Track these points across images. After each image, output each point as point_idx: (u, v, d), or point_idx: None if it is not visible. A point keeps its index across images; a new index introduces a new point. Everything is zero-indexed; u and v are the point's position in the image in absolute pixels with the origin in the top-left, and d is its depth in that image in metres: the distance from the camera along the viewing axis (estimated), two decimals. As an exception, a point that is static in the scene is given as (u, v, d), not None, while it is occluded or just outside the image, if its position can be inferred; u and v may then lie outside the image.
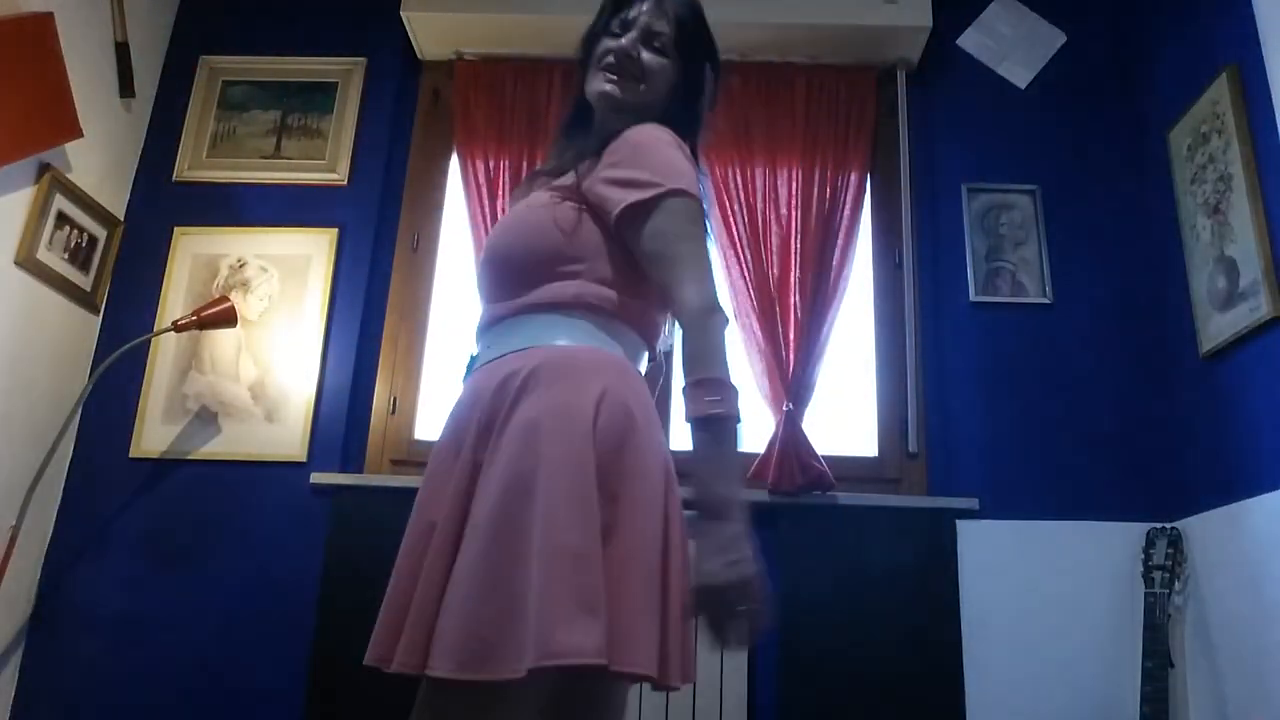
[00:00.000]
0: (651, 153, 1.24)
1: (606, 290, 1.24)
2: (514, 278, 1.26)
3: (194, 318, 2.44)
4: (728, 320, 1.19)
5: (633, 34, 1.34)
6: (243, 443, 2.49)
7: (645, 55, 1.33)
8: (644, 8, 1.35)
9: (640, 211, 1.21)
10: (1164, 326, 2.51)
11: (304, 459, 2.47)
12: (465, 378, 1.30)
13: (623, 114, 1.32)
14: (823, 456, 2.40)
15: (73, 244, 2.50)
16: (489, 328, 1.27)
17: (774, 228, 2.60)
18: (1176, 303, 2.43)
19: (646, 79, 1.33)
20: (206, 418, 2.52)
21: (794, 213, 2.60)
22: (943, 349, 2.57)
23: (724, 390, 1.12)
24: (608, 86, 1.33)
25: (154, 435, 2.50)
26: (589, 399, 1.13)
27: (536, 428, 1.10)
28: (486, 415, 1.16)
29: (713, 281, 1.20)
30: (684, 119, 1.34)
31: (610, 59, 1.33)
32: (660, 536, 1.11)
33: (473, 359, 1.30)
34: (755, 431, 2.43)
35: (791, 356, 2.48)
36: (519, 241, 1.27)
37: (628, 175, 1.22)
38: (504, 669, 0.99)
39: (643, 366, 1.31)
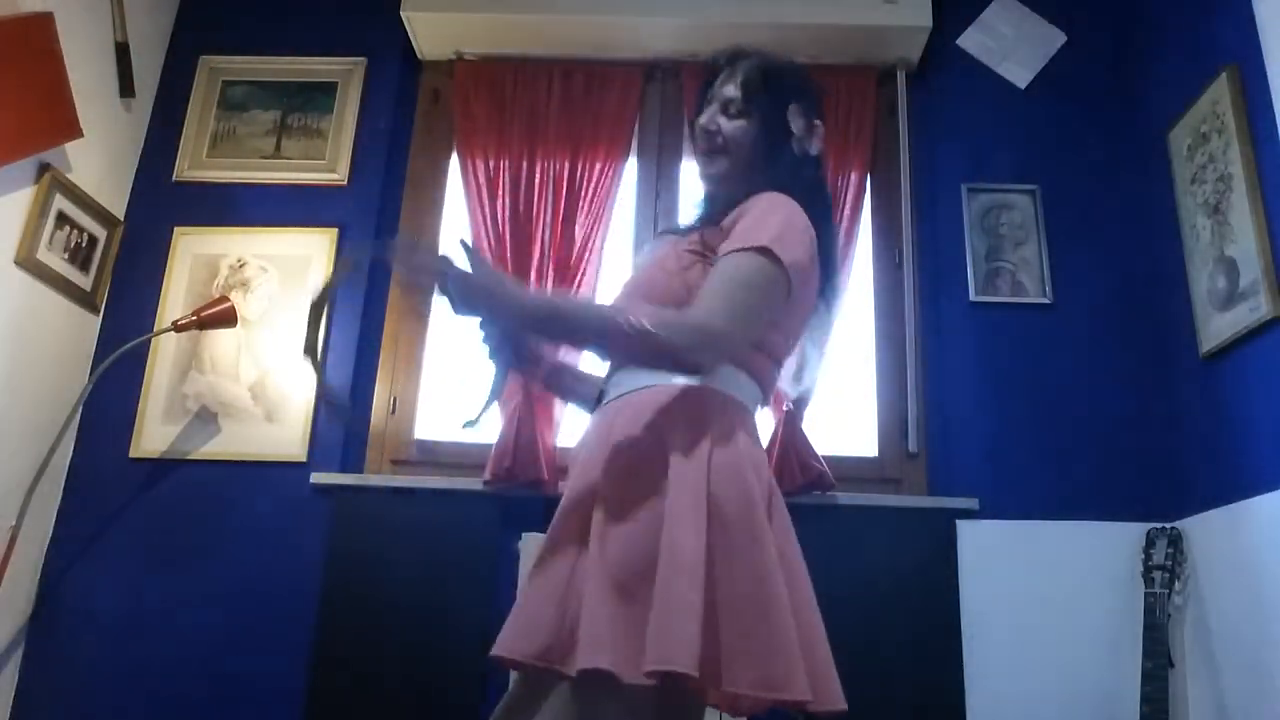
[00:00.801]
0: (759, 214, 1.31)
1: None
2: None
3: (194, 318, 2.44)
4: (700, 367, 1.24)
5: (711, 108, 1.44)
6: (243, 443, 2.49)
7: (725, 124, 1.42)
8: (721, 78, 1.46)
9: (728, 255, 1.28)
10: (1164, 326, 2.50)
11: (304, 459, 2.47)
12: (593, 410, 1.43)
13: (725, 185, 1.43)
14: (823, 456, 2.40)
15: (73, 244, 2.50)
16: (618, 370, 1.37)
17: (774, 228, 2.60)
18: (1176, 303, 2.43)
19: (730, 147, 1.42)
20: (206, 418, 2.52)
21: (794, 213, 2.60)
22: (943, 349, 2.57)
23: (638, 340, 1.19)
24: (700, 171, 1.47)
25: (154, 435, 2.50)
26: (706, 435, 1.23)
27: (664, 462, 1.21)
28: (613, 446, 1.26)
29: (730, 329, 1.23)
30: (779, 163, 1.41)
31: (696, 139, 1.46)
32: (765, 565, 1.18)
33: (602, 394, 1.40)
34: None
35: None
36: (652, 305, 1.33)
37: (735, 235, 1.30)
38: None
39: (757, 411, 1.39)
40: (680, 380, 1.28)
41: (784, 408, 2.42)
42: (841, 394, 2.62)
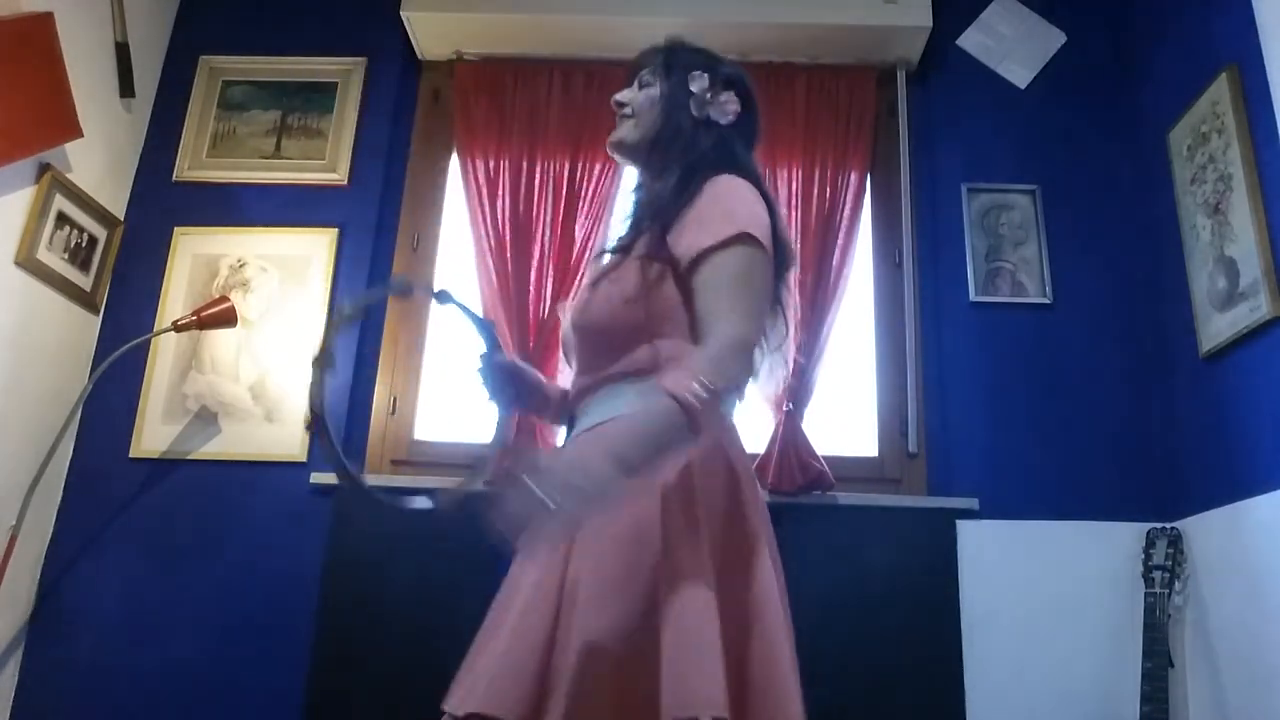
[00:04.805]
0: (724, 200, 1.28)
1: (686, 346, 1.26)
2: (599, 349, 1.33)
3: (194, 318, 2.44)
4: (749, 377, 1.21)
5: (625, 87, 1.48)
6: (243, 443, 2.49)
7: (633, 95, 1.46)
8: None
9: (708, 255, 1.24)
10: (1164, 326, 2.51)
11: (304, 459, 2.47)
12: (566, 439, 1.40)
13: (629, 152, 1.45)
14: (823, 456, 2.40)
15: (73, 244, 2.50)
16: (582, 397, 1.35)
17: (774, 228, 2.60)
18: (1176, 303, 2.43)
19: (635, 112, 1.44)
20: (206, 418, 2.52)
21: (794, 212, 2.60)
22: (943, 349, 2.57)
23: (713, 401, 1.12)
24: (608, 144, 1.47)
25: (154, 435, 2.50)
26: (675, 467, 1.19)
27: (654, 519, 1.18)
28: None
29: (756, 328, 1.22)
30: (675, 123, 1.41)
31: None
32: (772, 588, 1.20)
33: (572, 422, 1.38)
34: (755, 431, 2.43)
35: (791, 356, 2.48)
36: (602, 314, 1.31)
37: (703, 223, 1.26)
38: None
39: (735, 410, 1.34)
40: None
41: (784, 408, 2.42)
42: (841, 394, 2.62)
